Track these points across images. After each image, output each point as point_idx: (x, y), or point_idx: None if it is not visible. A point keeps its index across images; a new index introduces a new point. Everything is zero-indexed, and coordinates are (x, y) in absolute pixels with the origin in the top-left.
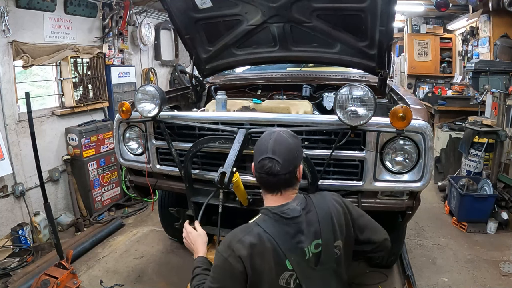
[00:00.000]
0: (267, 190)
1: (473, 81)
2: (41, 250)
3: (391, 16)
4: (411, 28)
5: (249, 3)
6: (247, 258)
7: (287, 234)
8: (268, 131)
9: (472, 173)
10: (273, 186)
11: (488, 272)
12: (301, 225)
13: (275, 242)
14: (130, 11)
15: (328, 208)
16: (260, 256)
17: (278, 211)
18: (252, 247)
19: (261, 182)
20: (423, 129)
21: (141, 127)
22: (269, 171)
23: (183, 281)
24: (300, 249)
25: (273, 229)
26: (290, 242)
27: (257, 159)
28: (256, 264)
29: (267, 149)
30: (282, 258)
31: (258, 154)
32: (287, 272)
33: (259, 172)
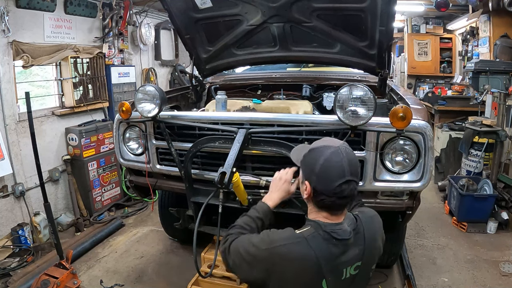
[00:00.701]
0: (330, 211)
1: (473, 81)
2: (41, 250)
3: (391, 16)
4: (411, 28)
5: (249, 3)
6: (276, 267)
7: (332, 255)
8: (327, 145)
9: (472, 173)
10: (342, 207)
11: (488, 272)
12: (348, 247)
13: (319, 262)
14: (130, 11)
15: (375, 231)
16: (294, 272)
17: (330, 230)
18: (290, 260)
19: (329, 205)
20: (423, 129)
21: (141, 127)
22: (350, 193)
23: (183, 281)
24: (340, 270)
25: (320, 248)
26: (333, 263)
27: (332, 183)
28: (285, 276)
29: (345, 171)
30: (319, 277)
31: (332, 179)
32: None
33: (334, 196)
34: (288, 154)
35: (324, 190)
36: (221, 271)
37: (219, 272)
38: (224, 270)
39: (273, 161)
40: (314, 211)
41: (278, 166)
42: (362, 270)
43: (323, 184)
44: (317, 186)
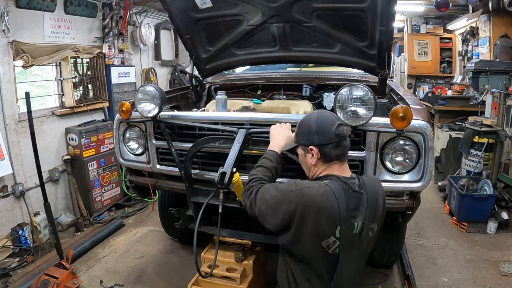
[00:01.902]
0: (339, 160)
1: (473, 81)
2: (41, 250)
3: (391, 16)
4: (411, 28)
5: (249, 3)
6: (304, 206)
7: (349, 204)
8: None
9: (472, 173)
10: (343, 153)
11: (488, 272)
12: (359, 201)
13: (338, 206)
14: (130, 11)
15: (376, 193)
16: (316, 214)
17: (348, 181)
18: (315, 201)
19: (337, 153)
20: (423, 129)
21: (141, 127)
22: (345, 134)
23: (183, 281)
24: (352, 222)
25: (340, 195)
26: (348, 213)
27: (331, 130)
28: (307, 218)
29: (333, 118)
30: (335, 224)
31: (329, 126)
32: (332, 238)
33: (337, 141)
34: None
35: (328, 139)
36: (221, 271)
37: (219, 272)
38: (224, 270)
39: None
40: (324, 169)
41: None
42: (366, 230)
43: (325, 135)
44: (321, 140)
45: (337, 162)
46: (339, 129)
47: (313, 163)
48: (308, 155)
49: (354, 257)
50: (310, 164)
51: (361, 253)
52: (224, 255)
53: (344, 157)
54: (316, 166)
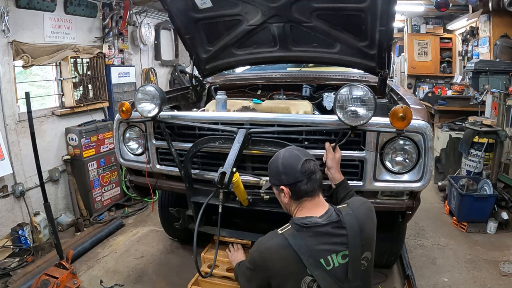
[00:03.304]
0: (309, 196)
1: (473, 81)
2: (41, 250)
3: (391, 16)
4: (411, 28)
5: (249, 3)
6: (268, 261)
7: (307, 244)
8: (277, 152)
9: (472, 173)
10: (314, 188)
11: (488, 272)
12: (323, 235)
13: (295, 251)
14: (130, 11)
15: (362, 220)
16: (281, 263)
17: (300, 222)
18: (273, 253)
19: (306, 189)
20: (423, 129)
21: (141, 127)
22: (314, 168)
23: (183, 281)
24: (322, 259)
25: (294, 239)
26: (310, 253)
27: (297, 169)
28: (276, 269)
29: (299, 155)
30: (303, 269)
31: (295, 165)
32: (308, 277)
33: (305, 177)
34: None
35: (294, 177)
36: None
37: (219, 272)
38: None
39: None
40: (296, 209)
41: None
42: (353, 259)
43: (291, 173)
44: (288, 179)
45: (307, 198)
46: (305, 166)
47: (286, 201)
48: (281, 194)
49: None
50: (285, 202)
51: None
52: (224, 255)
53: (315, 192)
54: (289, 204)
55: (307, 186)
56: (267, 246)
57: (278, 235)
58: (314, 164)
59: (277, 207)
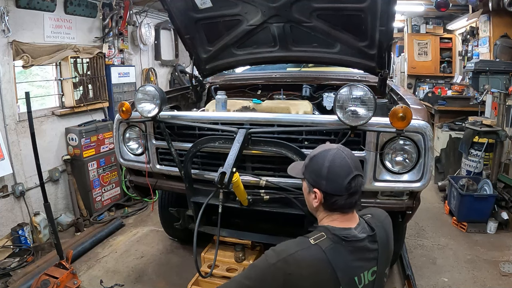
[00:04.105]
0: (342, 211)
1: (473, 81)
2: (41, 250)
3: (391, 16)
4: (411, 28)
5: (249, 3)
6: (293, 276)
7: (345, 258)
8: (326, 149)
9: (472, 173)
10: (352, 205)
11: (488, 272)
12: (361, 251)
13: (333, 266)
14: (130, 11)
15: (387, 235)
16: (309, 280)
17: (340, 233)
18: (304, 267)
19: (342, 205)
20: (423, 129)
21: (141, 127)
22: (359, 188)
23: (183, 281)
24: (356, 276)
25: (332, 252)
26: (346, 268)
27: (343, 182)
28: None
29: (351, 167)
30: (335, 284)
31: (342, 177)
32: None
33: (346, 194)
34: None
35: (336, 190)
36: (221, 271)
37: (219, 272)
38: (224, 270)
39: (273, 161)
40: (325, 217)
41: (278, 166)
42: (378, 275)
43: (334, 185)
44: (328, 189)
45: (339, 215)
46: (353, 183)
47: (314, 205)
48: (311, 194)
49: None
50: (312, 204)
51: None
52: (224, 255)
53: (350, 210)
54: (317, 210)
55: (345, 203)
56: (298, 257)
57: (311, 245)
58: (362, 182)
59: (278, 207)
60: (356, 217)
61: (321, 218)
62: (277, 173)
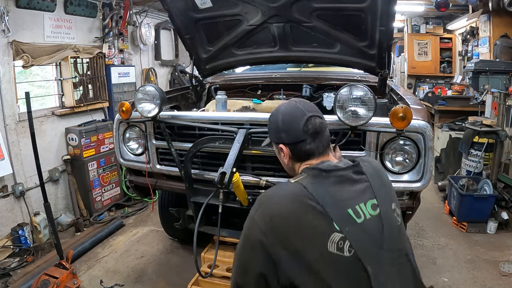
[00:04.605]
0: (314, 156)
1: (473, 81)
2: (41, 250)
3: (391, 16)
4: (411, 28)
5: (249, 3)
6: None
7: (329, 190)
8: (279, 105)
9: (472, 173)
10: (321, 146)
11: (488, 272)
12: (346, 180)
13: (317, 201)
14: (130, 11)
15: (377, 169)
16: (292, 218)
17: (317, 166)
18: (284, 205)
19: (309, 149)
20: (423, 129)
21: (141, 127)
22: (320, 127)
23: (183, 281)
24: (351, 208)
25: (313, 186)
26: (334, 201)
27: (299, 127)
28: (292, 228)
29: (303, 110)
30: (329, 224)
31: (297, 122)
32: (336, 234)
33: (308, 136)
34: None
35: (296, 137)
36: (221, 271)
37: (219, 272)
38: (224, 270)
39: (273, 161)
40: (300, 167)
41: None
42: (384, 210)
43: (292, 132)
44: (289, 139)
45: (313, 158)
46: (309, 124)
47: (286, 161)
48: (280, 153)
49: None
50: (285, 162)
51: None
52: (224, 255)
53: (321, 153)
54: (291, 165)
55: (310, 147)
56: (276, 197)
57: (290, 183)
58: (321, 122)
59: None
60: (335, 158)
61: (298, 169)
62: (277, 173)
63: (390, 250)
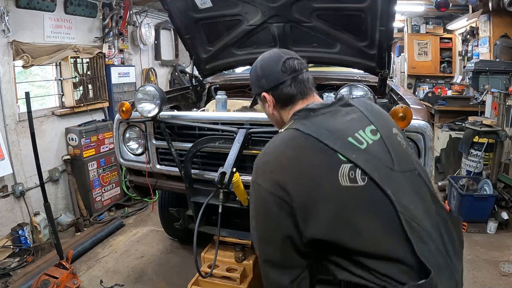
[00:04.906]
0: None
1: (473, 81)
2: (41, 250)
3: (391, 16)
4: (411, 28)
5: (249, 3)
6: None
7: (324, 127)
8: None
9: (472, 173)
10: (305, 89)
11: (488, 272)
12: (337, 113)
13: (314, 137)
14: (130, 11)
15: (364, 100)
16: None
17: (305, 107)
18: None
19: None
20: (423, 129)
21: (141, 127)
22: (300, 67)
23: (183, 281)
24: (351, 137)
25: (305, 127)
26: (332, 134)
27: (277, 69)
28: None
29: (279, 54)
30: (334, 157)
31: (274, 65)
32: (344, 165)
33: (288, 77)
34: None
35: (275, 79)
36: (221, 271)
37: (219, 272)
38: (224, 270)
39: None
40: (287, 114)
41: None
42: (386, 135)
43: (272, 76)
44: (268, 82)
45: (299, 101)
46: (286, 64)
47: (271, 111)
48: (265, 104)
49: (405, 183)
50: (271, 113)
51: (412, 175)
52: (224, 255)
53: (306, 92)
54: (278, 114)
55: (292, 88)
56: (272, 148)
57: (281, 133)
58: (300, 63)
59: None
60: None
61: (286, 118)
62: None
63: (402, 171)
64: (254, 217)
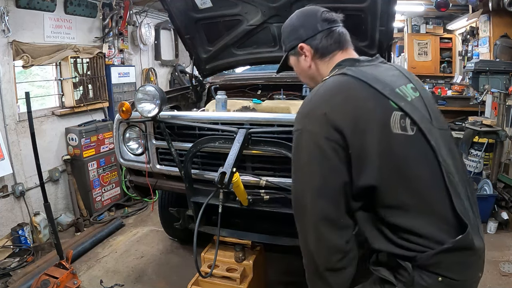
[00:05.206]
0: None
1: (473, 81)
2: (41, 250)
3: (391, 16)
4: (411, 28)
5: (249, 3)
6: (331, 113)
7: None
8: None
9: (472, 173)
10: (341, 40)
11: (488, 272)
12: (380, 66)
13: (363, 81)
14: (130, 11)
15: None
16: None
17: (349, 57)
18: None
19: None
20: None
21: (141, 127)
22: (335, 18)
23: (183, 281)
24: (398, 88)
25: (353, 71)
26: (380, 81)
27: (316, 17)
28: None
29: (316, 8)
30: (385, 102)
31: (313, 14)
32: (396, 112)
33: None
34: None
35: (314, 26)
36: (221, 271)
37: (219, 272)
38: (224, 270)
39: (273, 161)
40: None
41: (278, 166)
42: (424, 94)
43: (310, 23)
44: (307, 31)
45: (338, 52)
46: (325, 15)
47: (308, 64)
48: (301, 58)
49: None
50: (307, 67)
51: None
52: (224, 255)
53: (344, 44)
54: (315, 67)
55: (330, 39)
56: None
57: (328, 79)
58: (337, 15)
59: (278, 207)
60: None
61: (324, 71)
62: (277, 173)
63: (439, 128)
64: (300, 170)
